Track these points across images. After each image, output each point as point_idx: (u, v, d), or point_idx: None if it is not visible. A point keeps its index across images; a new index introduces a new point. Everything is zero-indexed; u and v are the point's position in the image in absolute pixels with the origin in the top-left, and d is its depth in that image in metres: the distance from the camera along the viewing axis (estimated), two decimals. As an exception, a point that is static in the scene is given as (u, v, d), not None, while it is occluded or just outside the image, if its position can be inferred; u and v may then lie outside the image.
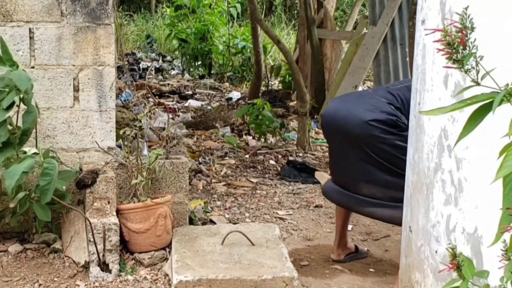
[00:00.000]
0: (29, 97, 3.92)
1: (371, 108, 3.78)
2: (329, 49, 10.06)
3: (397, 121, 3.72)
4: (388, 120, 3.72)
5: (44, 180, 3.78)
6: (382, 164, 3.78)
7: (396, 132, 3.72)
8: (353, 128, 3.80)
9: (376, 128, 3.72)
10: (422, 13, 3.14)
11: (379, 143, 3.73)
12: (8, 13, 4.25)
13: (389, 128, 3.71)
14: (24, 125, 3.91)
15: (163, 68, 13.83)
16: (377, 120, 3.72)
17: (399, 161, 3.67)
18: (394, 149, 3.72)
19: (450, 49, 1.31)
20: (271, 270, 3.80)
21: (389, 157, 3.75)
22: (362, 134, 3.77)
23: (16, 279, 3.92)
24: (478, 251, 2.59)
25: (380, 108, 3.77)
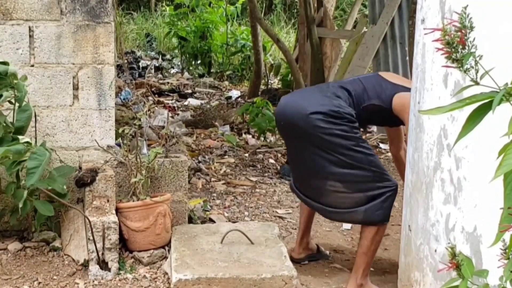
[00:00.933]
0: (22, 95, 3.92)
1: (314, 101, 3.80)
2: (328, 48, 10.05)
3: (339, 111, 3.73)
4: (330, 111, 3.72)
5: (32, 163, 3.77)
6: (332, 155, 3.76)
7: (338, 122, 3.72)
8: (298, 121, 3.81)
9: (318, 120, 3.71)
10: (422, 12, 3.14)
11: (323, 134, 3.72)
12: (7, 11, 4.25)
13: (330, 119, 3.71)
14: (18, 123, 3.91)
15: (163, 66, 13.82)
16: (318, 112, 3.72)
17: (348, 151, 3.73)
18: (338, 139, 3.72)
19: (449, 48, 1.31)
20: (270, 269, 3.80)
21: (336, 147, 3.73)
22: (306, 127, 3.76)
23: (15, 277, 3.92)
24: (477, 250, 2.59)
25: (323, 101, 3.79)
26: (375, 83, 3.98)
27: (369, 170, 3.77)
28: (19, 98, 3.91)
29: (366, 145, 3.82)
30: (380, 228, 3.85)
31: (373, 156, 3.83)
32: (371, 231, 3.84)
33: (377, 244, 3.90)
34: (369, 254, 3.87)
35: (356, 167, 3.76)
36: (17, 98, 3.91)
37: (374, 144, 8.02)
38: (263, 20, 10.38)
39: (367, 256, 3.87)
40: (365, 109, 3.90)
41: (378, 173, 3.80)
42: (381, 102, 3.90)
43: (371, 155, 3.81)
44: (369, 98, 3.91)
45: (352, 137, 3.75)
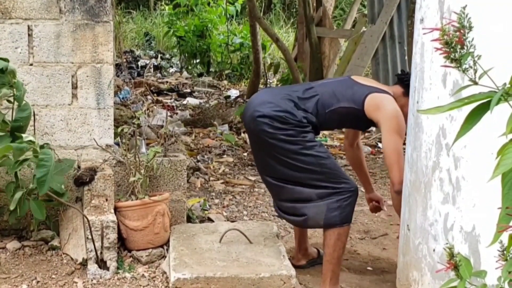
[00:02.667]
0: (21, 94, 3.91)
1: (264, 104, 3.75)
2: (327, 47, 10.06)
3: (285, 117, 3.68)
4: (275, 116, 3.68)
5: (41, 172, 3.77)
6: (282, 159, 3.74)
7: (283, 127, 3.67)
8: (249, 124, 3.81)
9: (264, 124, 3.69)
10: (421, 11, 3.15)
11: (270, 138, 3.70)
12: (6, 10, 4.25)
13: (276, 123, 3.67)
14: (17, 123, 3.91)
15: (162, 65, 13.83)
16: (264, 115, 3.69)
17: (295, 155, 3.68)
18: (284, 144, 3.68)
19: (448, 48, 1.31)
20: (269, 268, 3.80)
21: (284, 152, 3.70)
22: (256, 130, 3.76)
23: (14, 276, 3.92)
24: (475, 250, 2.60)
25: (276, 104, 3.73)
26: (346, 86, 3.90)
27: (321, 172, 3.71)
28: (18, 97, 3.91)
29: (316, 148, 3.74)
30: (340, 233, 3.74)
31: (326, 159, 3.75)
32: (331, 236, 3.74)
33: (340, 250, 3.78)
34: (333, 262, 3.77)
35: (307, 170, 3.71)
36: (16, 97, 3.91)
37: (373, 143, 8.02)
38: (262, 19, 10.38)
39: (331, 264, 3.77)
40: (334, 112, 3.81)
41: (331, 175, 3.72)
42: (353, 104, 3.80)
43: (322, 157, 3.73)
44: (338, 101, 3.81)
45: (299, 141, 3.68)
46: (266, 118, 3.68)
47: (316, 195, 3.73)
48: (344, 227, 3.76)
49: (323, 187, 3.72)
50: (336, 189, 3.71)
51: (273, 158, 3.77)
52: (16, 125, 3.90)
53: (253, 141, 3.94)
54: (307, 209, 3.78)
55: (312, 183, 3.73)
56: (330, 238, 3.74)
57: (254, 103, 3.83)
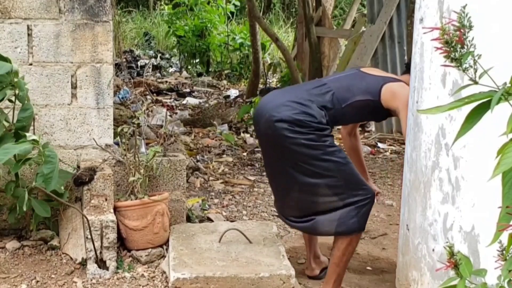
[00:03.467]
0: (24, 93, 3.92)
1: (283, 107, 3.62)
2: (327, 47, 10.06)
3: (305, 121, 3.56)
4: (296, 120, 3.56)
5: (48, 168, 3.77)
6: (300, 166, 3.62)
7: (304, 132, 3.55)
8: (266, 130, 3.68)
9: (283, 129, 3.56)
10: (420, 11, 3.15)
11: (290, 144, 3.57)
12: (6, 10, 4.25)
13: (296, 128, 3.56)
14: (20, 123, 3.91)
15: (161, 65, 13.83)
16: (284, 120, 3.56)
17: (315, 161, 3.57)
18: (304, 149, 3.56)
19: (448, 47, 1.31)
20: (268, 268, 3.80)
21: (303, 157, 3.59)
22: (274, 136, 3.63)
23: (13, 275, 3.92)
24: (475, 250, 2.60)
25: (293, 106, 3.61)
26: (359, 78, 3.82)
27: (340, 179, 3.61)
28: (21, 96, 3.91)
29: (337, 154, 3.63)
30: (353, 238, 3.69)
31: (345, 164, 3.64)
32: (344, 241, 3.68)
33: (349, 255, 3.74)
34: (341, 265, 3.72)
35: (326, 176, 3.60)
36: (19, 96, 3.90)
37: (373, 143, 8.02)
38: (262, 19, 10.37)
39: (338, 267, 3.72)
40: (350, 107, 3.72)
41: (350, 182, 3.64)
42: (369, 95, 3.73)
43: (342, 163, 3.62)
44: (353, 95, 3.73)
45: (320, 146, 3.58)
46: (285, 123, 3.56)
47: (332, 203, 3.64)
48: (358, 234, 3.73)
49: (341, 194, 3.62)
50: (353, 197, 3.62)
51: (291, 165, 3.64)
52: (19, 125, 3.90)
53: (269, 147, 3.79)
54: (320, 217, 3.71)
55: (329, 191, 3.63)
56: (342, 242, 3.67)
57: (268, 107, 3.68)
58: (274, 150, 3.73)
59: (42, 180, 3.76)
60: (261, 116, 3.71)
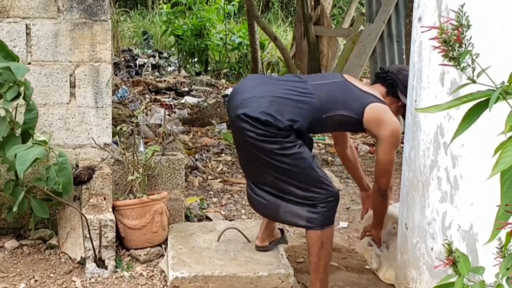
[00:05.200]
0: (30, 92, 3.92)
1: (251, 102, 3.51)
2: (325, 46, 10.07)
3: (267, 121, 3.43)
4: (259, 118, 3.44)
5: (63, 176, 3.80)
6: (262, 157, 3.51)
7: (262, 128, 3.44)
8: (231, 116, 3.60)
9: (244, 122, 3.46)
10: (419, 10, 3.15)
11: (248, 137, 3.48)
12: (4, 9, 4.25)
13: (257, 124, 3.44)
14: (26, 125, 3.91)
15: (160, 64, 13.82)
16: (247, 115, 3.46)
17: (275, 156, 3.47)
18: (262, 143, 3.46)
19: (446, 46, 1.31)
20: (267, 267, 3.80)
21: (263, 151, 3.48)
22: (236, 125, 3.55)
23: (12, 275, 3.92)
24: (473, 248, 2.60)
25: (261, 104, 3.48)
26: (343, 90, 3.67)
27: (300, 174, 3.50)
28: (27, 95, 3.90)
29: (296, 149, 3.48)
30: (323, 240, 3.54)
31: (305, 160, 3.50)
32: (314, 245, 3.55)
33: (326, 258, 3.59)
34: (320, 271, 3.59)
35: (285, 171, 3.50)
36: (26, 96, 3.90)
37: (371, 142, 8.02)
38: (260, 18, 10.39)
39: (319, 273, 3.59)
40: (330, 119, 3.59)
41: (311, 178, 3.52)
42: (352, 113, 3.60)
43: (302, 158, 3.49)
44: (337, 108, 3.59)
45: (278, 141, 3.45)
46: (248, 118, 3.46)
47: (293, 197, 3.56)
48: (325, 231, 3.55)
49: (303, 189, 3.52)
50: (315, 193, 3.51)
51: (251, 153, 3.56)
52: (26, 127, 3.91)
53: (234, 133, 3.71)
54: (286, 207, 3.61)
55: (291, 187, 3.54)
56: (313, 246, 3.56)
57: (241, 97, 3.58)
58: (237, 138, 3.66)
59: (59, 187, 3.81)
60: (232, 101, 3.63)
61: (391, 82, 3.79)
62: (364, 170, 6.71)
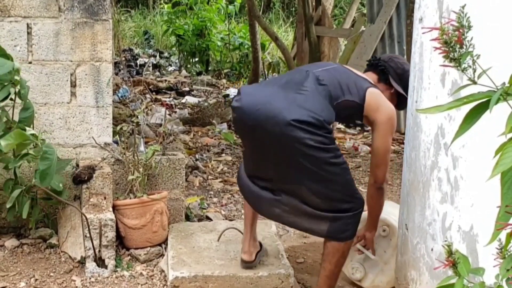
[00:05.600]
0: (25, 91, 3.92)
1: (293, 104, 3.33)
2: (326, 47, 10.06)
3: (320, 120, 3.28)
4: (312, 119, 3.27)
5: (44, 164, 3.76)
6: (307, 167, 3.32)
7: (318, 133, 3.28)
8: (273, 127, 3.29)
9: (297, 129, 3.25)
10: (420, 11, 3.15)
11: (301, 144, 3.26)
12: (6, 8, 4.25)
13: (311, 128, 3.26)
14: (22, 123, 3.91)
15: (160, 64, 13.83)
16: (299, 120, 3.25)
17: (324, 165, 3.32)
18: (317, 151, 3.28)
19: (447, 47, 1.31)
20: (267, 267, 3.80)
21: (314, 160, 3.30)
22: (282, 135, 3.28)
23: (12, 274, 3.92)
24: (473, 249, 2.60)
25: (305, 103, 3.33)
26: (346, 76, 3.57)
27: (341, 184, 3.39)
28: (22, 94, 3.91)
29: (342, 157, 3.42)
30: (344, 250, 3.50)
31: (347, 169, 3.45)
32: (335, 254, 3.49)
33: (340, 267, 3.57)
34: (332, 278, 3.56)
35: (330, 181, 3.36)
36: (21, 94, 3.91)
37: (372, 143, 8.02)
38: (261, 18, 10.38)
39: (330, 279, 3.56)
40: (338, 106, 3.46)
41: (348, 187, 3.44)
42: (356, 98, 3.50)
43: (346, 168, 3.43)
44: (343, 94, 3.47)
45: (331, 149, 3.33)
46: (300, 123, 3.24)
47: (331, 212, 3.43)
48: (348, 242, 3.52)
49: (338, 203, 3.42)
50: (348, 203, 3.43)
51: (295, 166, 3.34)
52: (21, 126, 3.90)
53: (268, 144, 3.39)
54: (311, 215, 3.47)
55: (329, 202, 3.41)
56: (334, 255, 3.50)
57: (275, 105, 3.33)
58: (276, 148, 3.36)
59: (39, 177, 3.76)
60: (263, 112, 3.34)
61: (382, 69, 3.74)
62: (365, 171, 6.72)
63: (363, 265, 3.96)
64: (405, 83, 3.65)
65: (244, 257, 3.82)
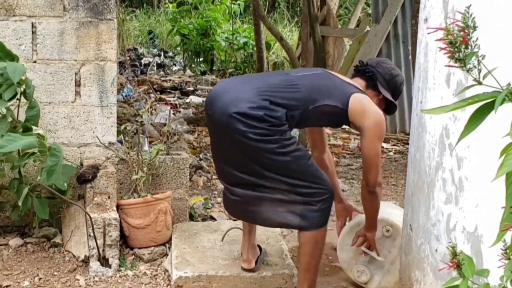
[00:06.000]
0: (31, 91, 3.93)
1: (243, 98, 3.35)
2: (331, 47, 10.05)
3: (261, 116, 3.29)
4: (251, 114, 3.29)
5: (52, 161, 3.77)
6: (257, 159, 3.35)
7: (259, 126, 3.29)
8: (220, 118, 3.36)
9: (238, 121, 3.28)
10: (425, 11, 3.14)
11: (243, 137, 3.29)
12: (11, 7, 4.25)
13: (251, 121, 3.29)
14: (28, 122, 3.91)
15: (165, 64, 13.83)
16: (241, 112, 3.29)
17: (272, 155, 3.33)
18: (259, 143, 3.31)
19: (452, 48, 1.31)
20: (271, 267, 3.80)
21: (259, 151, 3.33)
22: (229, 126, 3.33)
23: (16, 272, 3.92)
24: (478, 250, 2.59)
25: (253, 99, 3.34)
26: (327, 80, 3.57)
27: (296, 171, 3.38)
28: (28, 94, 3.91)
29: (293, 146, 3.39)
30: (317, 239, 3.46)
31: (301, 156, 3.41)
32: (308, 244, 3.45)
33: (317, 258, 3.52)
34: (311, 270, 3.51)
35: (283, 168, 3.37)
36: (27, 94, 3.91)
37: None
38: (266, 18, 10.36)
39: (309, 272, 3.51)
40: (317, 110, 3.46)
41: (306, 173, 3.41)
42: (338, 103, 3.48)
43: (300, 156, 3.40)
44: (322, 98, 3.47)
45: (277, 140, 3.33)
46: (241, 116, 3.29)
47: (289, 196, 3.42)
48: (321, 230, 3.47)
49: (301, 191, 3.41)
50: (312, 189, 3.41)
51: (245, 155, 3.39)
52: (27, 125, 3.91)
53: (219, 133, 3.49)
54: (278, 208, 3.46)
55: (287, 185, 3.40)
56: (307, 246, 3.47)
57: (228, 96, 3.40)
58: (226, 139, 3.43)
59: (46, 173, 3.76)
60: (217, 102, 3.42)
61: (370, 75, 3.71)
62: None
63: (368, 267, 3.94)
64: (393, 88, 3.70)
65: (244, 265, 3.81)
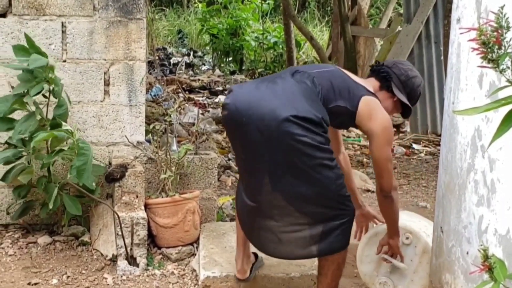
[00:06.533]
0: (59, 89, 3.94)
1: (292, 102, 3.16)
2: (362, 47, 10.01)
3: (319, 117, 3.13)
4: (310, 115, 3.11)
5: (80, 160, 3.79)
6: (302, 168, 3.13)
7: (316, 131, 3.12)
8: (265, 124, 3.11)
9: (293, 125, 3.07)
10: (458, 11, 3.10)
11: (297, 142, 3.08)
12: (41, 7, 4.28)
13: (308, 125, 3.10)
14: (55, 121, 3.94)
15: (194, 63, 13.87)
16: (296, 115, 3.08)
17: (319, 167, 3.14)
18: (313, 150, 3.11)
19: (485, 48, 1.29)
20: (299, 268, 3.78)
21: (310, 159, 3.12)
22: (277, 132, 3.09)
23: (45, 270, 3.94)
24: (510, 253, 2.55)
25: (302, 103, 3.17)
26: (341, 80, 3.39)
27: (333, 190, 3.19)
28: (56, 92, 3.94)
29: (335, 161, 3.24)
30: (339, 261, 3.34)
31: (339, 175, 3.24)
32: (330, 266, 3.33)
33: (338, 279, 3.39)
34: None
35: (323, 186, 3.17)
36: (55, 92, 3.93)
37: (408, 144, 7.95)
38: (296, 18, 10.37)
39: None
40: (330, 110, 3.28)
41: (340, 195, 3.23)
42: (348, 104, 3.32)
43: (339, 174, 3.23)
44: (336, 98, 3.31)
45: (327, 150, 3.16)
46: (297, 119, 3.08)
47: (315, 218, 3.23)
48: (342, 253, 3.34)
49: (328, 207, 3.23)
50: (338, 212, 3.24)
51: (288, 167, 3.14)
52: (55, 123, 3.94)
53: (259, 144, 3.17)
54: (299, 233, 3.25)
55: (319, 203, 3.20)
56: (329, 267, 3.34)
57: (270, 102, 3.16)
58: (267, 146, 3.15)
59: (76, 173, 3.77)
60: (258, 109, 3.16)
61: (385, 75, 3.54)
62: (400, 172, 6.67)
63: (391, 278, 3.78)
64: (409, 90, 3.53)
65: (238, 276, 3.70)
